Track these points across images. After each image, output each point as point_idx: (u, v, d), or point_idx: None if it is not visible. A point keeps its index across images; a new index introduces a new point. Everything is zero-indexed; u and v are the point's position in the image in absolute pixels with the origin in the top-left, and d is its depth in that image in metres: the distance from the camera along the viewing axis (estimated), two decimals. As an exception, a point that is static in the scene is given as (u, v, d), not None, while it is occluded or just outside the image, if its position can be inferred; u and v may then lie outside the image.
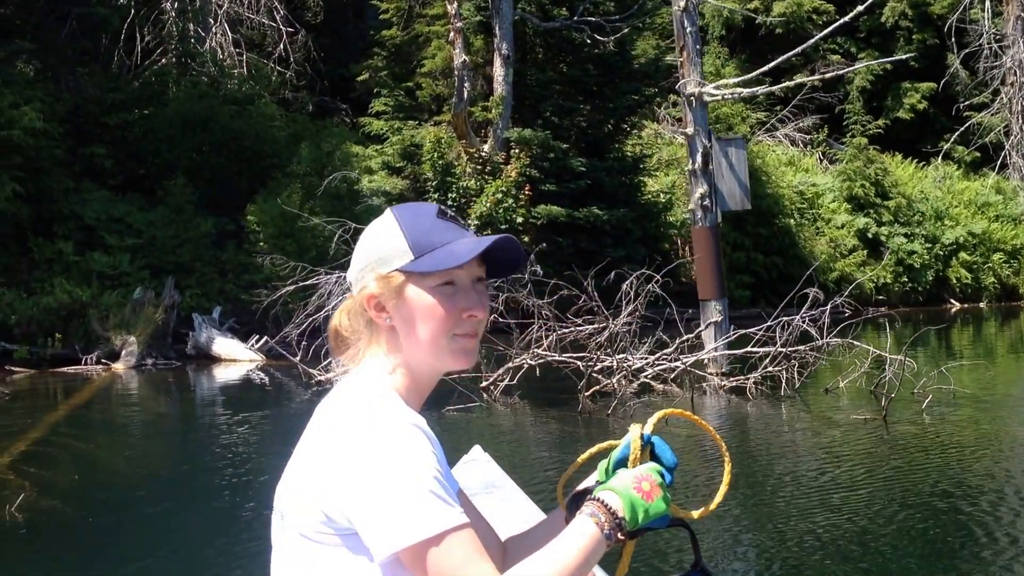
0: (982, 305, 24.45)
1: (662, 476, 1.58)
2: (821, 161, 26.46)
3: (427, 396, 1.70)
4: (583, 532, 1.50)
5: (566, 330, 9.84)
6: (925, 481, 6.68)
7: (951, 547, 5.23)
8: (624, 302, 9.46)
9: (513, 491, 2.34)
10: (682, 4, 11.10)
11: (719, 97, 11.58)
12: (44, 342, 14.63)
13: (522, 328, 10.15)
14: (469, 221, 18.35)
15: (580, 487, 1.68)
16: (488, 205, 18.30)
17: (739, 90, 11.79)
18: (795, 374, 9.77)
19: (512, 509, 2.22)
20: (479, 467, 2.42)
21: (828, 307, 9.59)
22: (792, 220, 23.20)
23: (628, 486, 1.54)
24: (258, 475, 7.08)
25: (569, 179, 19.29)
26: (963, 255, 24.43)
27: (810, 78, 17.88)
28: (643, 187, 21.65)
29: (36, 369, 14.37)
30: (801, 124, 25.86)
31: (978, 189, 26.34)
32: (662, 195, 22.11)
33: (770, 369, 9.82)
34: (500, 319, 9.50)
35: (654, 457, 1.63)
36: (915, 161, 26.79)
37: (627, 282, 9.49)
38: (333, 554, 1.52)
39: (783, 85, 14.41)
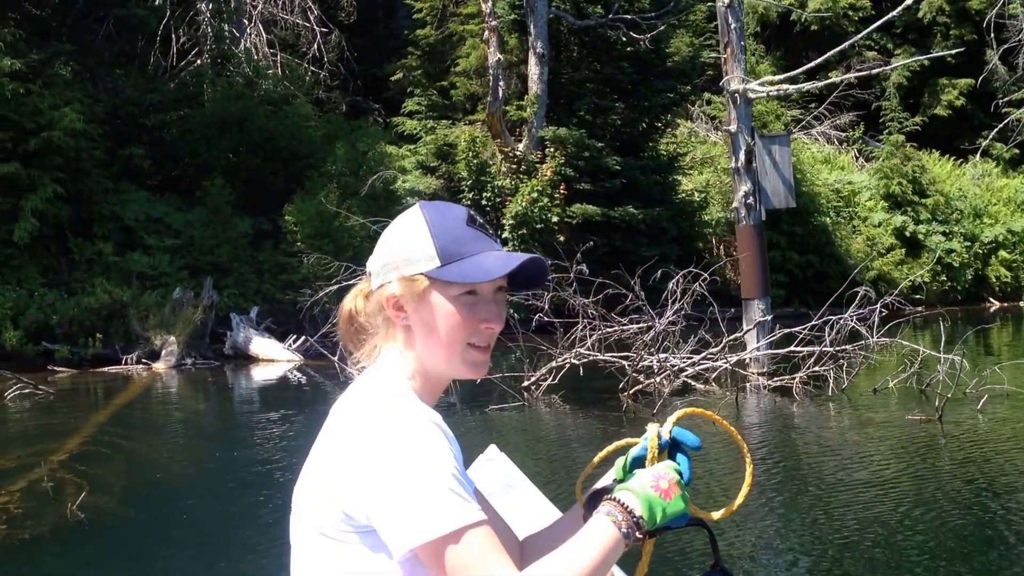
0: (1022, 304, 24.11)
1: (680, 475, 1.59)
2: (857, 159, 26.20)
3: (439, 395, 1.70)
4: (601, 531, 1.50)
5: (610, 329, 9.77)
6: (982, 482, 6.56)
7: (1012, 549, 5.13)
8: (670, 301, 9.37)
9: (529, 490, 2.35)
10: (726, 0, 10.98)
11: (763, 94, 11.46)
12: (85, 342, 14.77)
13: (566, 327, 10.09)
14: (504, 220, 18.32)
15: (598, 486, 1.68)
16: (524, 204, 18.25)
17: (785, 86, 11.66)
18: (844, 374, 9.61)
19: (528, 508, 2.23)
20: (495, 466, 2.41)
21: (878, 306, 9.42)
22: (828, 218, 23.00)
23: (646, 485, 1.55)
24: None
25: (604, 178, 19.23)
26: (1002, 253, 24.12)
27: (851, 75, 17.68)
28: (677, 186, 21.55)
29: (77, 369, 14.51)
30: (837, 121, 25.60)
31: (1017, 186, 25.99)
32: (696, 194, 22.01)
33: (816, 369, 9.67)
34: (545, 318, 9.44)
35: (672, 453, 1.64)
36: (952, 158, 26.46)
37: (673, 281, 9.41)
38: (352, 551, 1.53)
39: (829, 81, 14.29)
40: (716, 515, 1.68)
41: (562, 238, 18.50)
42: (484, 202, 18.64)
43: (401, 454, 1.47)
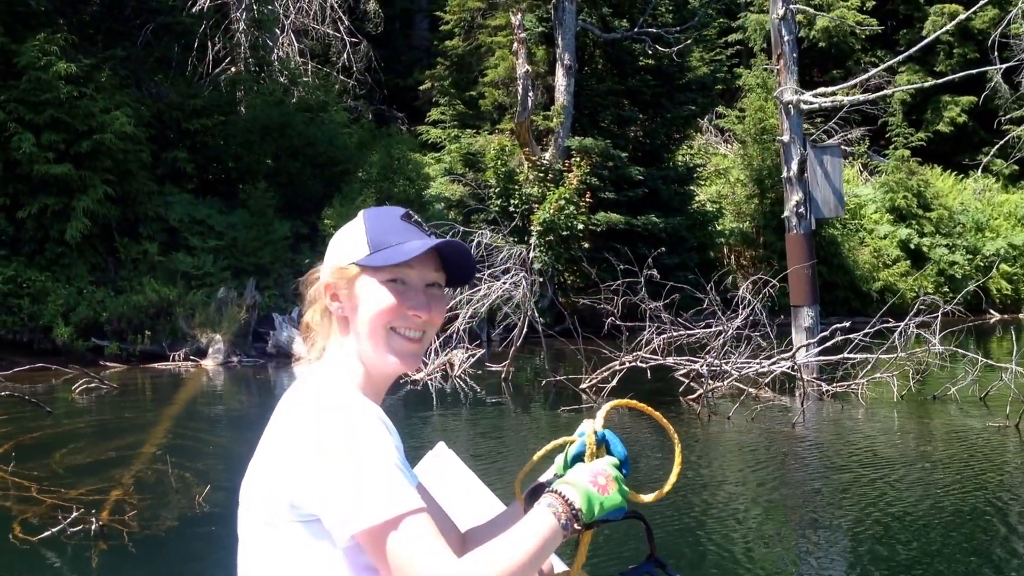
0: (1022, 316, 24.79)
1: (619, 469, 1.66)
2: (861, 172, 26.87)
3: (384, 393, 1.76)
4: (541, 522, 1.57)
5: (677, 333, 10.16)
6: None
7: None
8: (740, 307, 9.77)
9: (475, 485, 2.39)
10: (780, 12, 11.43)
11: (816, 105, 11.96)
12: (134, 338, 15.09)
13: (632, 331, 10.44)
14: (532, 227, 18.73)
15: (538, 481, 1.76)
16: (551, 212, 18.67)
17: (840, 98, 12.16)
18: (910, 380, 9.90)
19: (474, 502, 2.29)
20: (442, 461, 2.45)
21: (939, 314, 9.80)
22: (835, 230, 23.61)
23: (585, 480, 1.62)
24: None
25: (627, 187, 19.72)
26: (1003, 266, 24.83)
27: (895, 89, 18.29)
28: (694, 196, 22.11)
29: (126, 364, 14.83)
30: (849, 136, 26.26)
31: (1017, 201, 26.76)
32: (709, 204, 22.60)
33: (879, 375, 9.91)
34: (618, 321, 9.82)
35: (610, 446, 1.71)
36: (954, 173, 27.19)
37: (743, 287, 9.84)
38: (297, 540, 1.58)
39: (881, 94, 14.83)
40: (647, 498, 1.77)
41: (587, 245, 18.99)
42: (512, 209, 19.05)
43: (343, 445, 1.52)
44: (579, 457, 1.71)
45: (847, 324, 9.96)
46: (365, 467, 1.50)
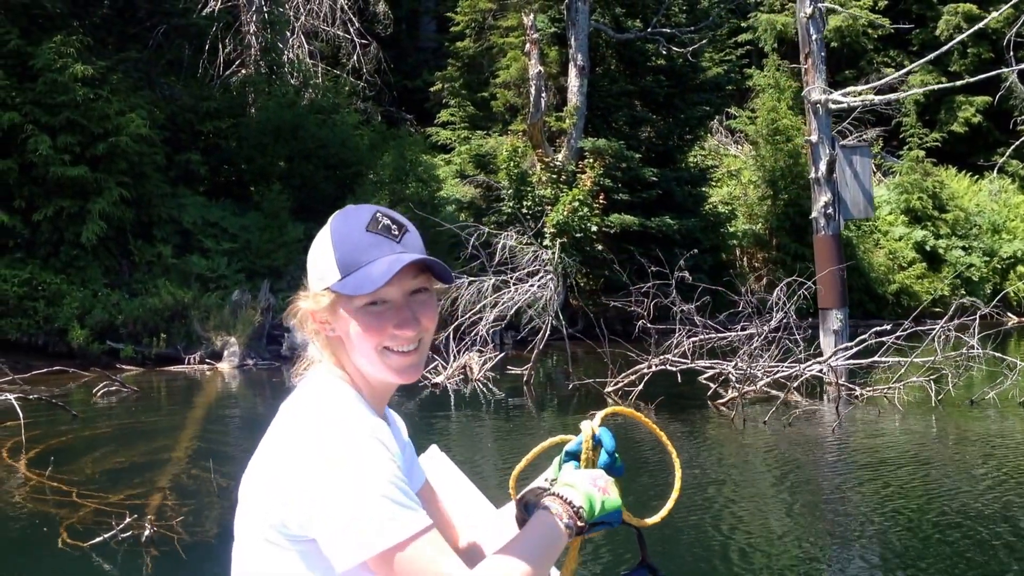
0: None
1: (612, 458, 1.71)
2: (875, 173, 26.69)
3: (387, 399, 1.73)
4: (545, 524, 1.58)
5: (708, 336, 10.01)
6: None
7: None
8: (775, 309, 9.61)
9: (467, 487, 2.41)
10: (808, 11, 11.30)
11: (844, 105, 11.81)
12: (149, 341, 14.95)
13: (661, 333, 10.29)
14: (545, 229, 18.54)
15: (532, 486, 1.74)
16: (565, 213, 18.53)
17: (872, 97, 12.00)
18: (949, 383, 9.71)
19: (466, 505, 2.31)
20: (435, 464, 2.45)
21: (977, 316, 9.64)
22: (850, 232, 23.43)
23: (584, 483, 1.64)
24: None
25: (640, 189, 19.57)
26: (1020, 268, 24.66)
27: (923, 88, 18.10)
28: (707, 198, 21.97)
29: (142, 367, 14.70)
30: (864, 136, 26.11)
31: (1034, 204, 26.60)
32: (721, 206, 22.45)
33: (915, 379, 9.75)
34: (650, 324, 9.67)
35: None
36: (969, 174, 27.01)
37: (778, 288, 9.69)
38: (287, 559, 1.56)
39: (910, 93, 14.63)
40: (648, 521, 1.78)
41: (600, 247, 18.83)
42: (524, 210, 18.90)
43: (341, 469, 1.47)
44: (573, 455, 1.72)
45: (887, 327, 9.78)
46: (366, 491, 1.46)
